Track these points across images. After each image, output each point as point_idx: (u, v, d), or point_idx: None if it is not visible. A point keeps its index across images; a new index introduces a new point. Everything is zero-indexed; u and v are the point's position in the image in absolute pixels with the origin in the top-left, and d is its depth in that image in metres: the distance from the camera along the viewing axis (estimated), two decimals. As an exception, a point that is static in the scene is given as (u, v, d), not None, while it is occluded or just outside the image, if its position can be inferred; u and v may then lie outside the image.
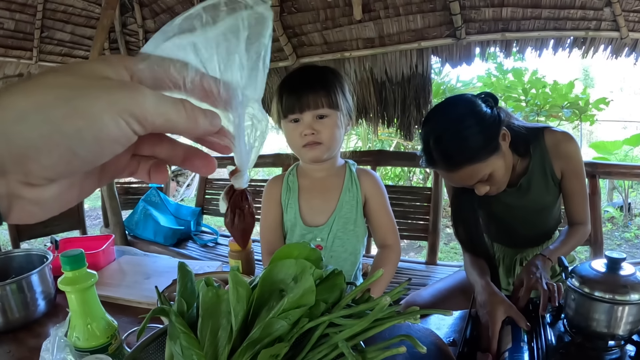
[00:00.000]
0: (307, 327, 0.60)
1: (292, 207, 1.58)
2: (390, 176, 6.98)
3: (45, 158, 0.32)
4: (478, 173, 1.37)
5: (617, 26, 2.89)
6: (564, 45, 3.00)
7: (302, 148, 1.45)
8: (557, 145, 1.51)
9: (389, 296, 0.58)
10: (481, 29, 3.02)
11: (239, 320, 0.63)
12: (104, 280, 1.60)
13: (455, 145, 1.35)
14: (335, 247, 1.55)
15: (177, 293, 0.77)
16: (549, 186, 1.57)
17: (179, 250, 3.06)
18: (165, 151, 0.44)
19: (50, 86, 0.32)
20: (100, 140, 0.33)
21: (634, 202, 7.26)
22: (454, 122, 1.37)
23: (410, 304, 1.63)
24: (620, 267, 1.07)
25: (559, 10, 2.88)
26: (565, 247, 1.49)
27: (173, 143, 0.44)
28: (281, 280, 0.63)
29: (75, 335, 0.96)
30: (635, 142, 7.46)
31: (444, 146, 1.37)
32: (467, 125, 1.35)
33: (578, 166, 1.53)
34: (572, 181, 1.56)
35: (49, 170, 0.33)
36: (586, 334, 1.09)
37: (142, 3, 4.05)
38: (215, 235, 3.40)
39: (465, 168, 1.35)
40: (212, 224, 3.99)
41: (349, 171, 1.58)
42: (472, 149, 1.34)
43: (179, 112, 0.37)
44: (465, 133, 1.34)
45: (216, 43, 0.39)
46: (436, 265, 2.77)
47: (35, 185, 0.34)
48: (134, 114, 0.34)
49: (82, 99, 0.32)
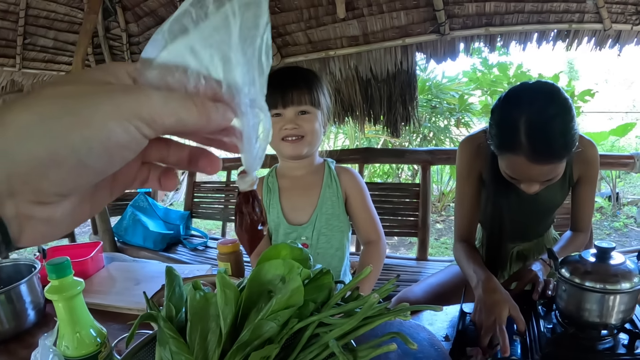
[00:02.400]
0: (296, 327, 0.60)
1: (274, 207, 1.59)
2: (378, 173, 6.99)
3: (54, 173, 0.31)
4: (556, 170, 1.29)
5: (600, 18, 2.92)
6: (547, 39, 3.02)
7: (281, 141, 1.46)
8: (583, 150, 1.42)
9: (378, 293, 0.58)
10: (465, 24, 3.03)
11: (228, 323, 0.62)
12: (93, 287, 1.59)
13: (562, 137, 1.23)
14: (321, 244, 1.56)
15: (165, 298, 0.76)
16: (564, 187, 1.57)
17: (168, 254, 3.05)
18: (173, 155, 0.42)
19: (51, 97, 0.31)
20: (109, 148, 0.32)
21: (622, 191, 7.33)
22: (562, 112, 1.24)
23: (402, 300, 1.63)
24: (610, 256, 1.07)
25: (542, 3, 2.90)
26: (564, 252, 1.49)
27: (179, 146, 0.43)
28: (269, 281, 0.62)
29: (65, 344, 0.95)
30: (621, 133, 7.54)
31: (549, 136, 1.23)
32: (572, 118, 1.24)
33: (595, 173, 1.54)
34: (586, 187, 1.56)
35: (59, 185, 0.32)
36: (578, 324, 1.09)
37: (124, 7, 4.02)
38: (204, 239, 3.38)
39: (553, 164, 1.26)
40: (202, 227, 3.98)
41: (328, 168, 1.60)
42: (571, 145, 1.25)
43: (190, 108, 0.35)
44: (571, 125, 1.24)
45: (211, 41, 0.37)
46: (427, 261, 2.78)
47: (46, 203, 0.33)
48: (142, 116, 0.32)
49: (85, 107, 0.31)
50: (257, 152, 0.43)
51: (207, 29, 0.36)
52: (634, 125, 7.89)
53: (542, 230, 1.78)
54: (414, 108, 3.31)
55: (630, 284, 1.02)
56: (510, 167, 1.33)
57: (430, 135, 6.89)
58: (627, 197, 7.21)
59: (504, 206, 1.58)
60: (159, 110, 0.33)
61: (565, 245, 1.55)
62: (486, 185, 1.60)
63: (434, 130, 6.78)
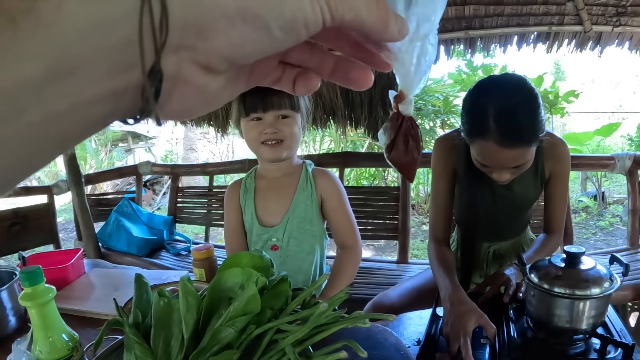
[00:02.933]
0: (255, 333, 0.61)
1: (249, 208, 1.58)
2: (365, 176, 7.01)
3: (236, 32, 0.27)
4: (524, 157, 1.33)
5: (580, 20, 2.96)
6: (527, 41, 3.06)
7: (260, 145, 1.46)
8: (553, 147, 1.52)
9: (329, 302, 0.59)
10: (445, 28, 3.06)
11: (189, 328, 0.64)
12: (73, 293, 1.59)
13: (529, 122, 1.28)
14: (292, 247, 1.55)
15: (133, 304, 0.77)
16: (536, 184, 1.60)
17: (152, 260, 3.03)
18: (315, 60, 0.39)
19: None
20: (295, 19, 0.28)
21: (608, 190, 7.39)
22: (528, 99, 1.30)
23: (377, 304, 1.64)
24: (579, 261, 1.07)
25: (522, 6, 2.93)
26: (538, 255, 1.51)
27: (324, 52, 0.39)
28: (229, 289, 0.64)
29: (38, 349, 0.97)
30: (606, 133, 7.62)
31: (516, 120, 1.28)
32: (538, 105, 1.30)
33: (566, 171, 1.58)
34: (557, 185, 1.60)
35: (235, 48, 0.28)
36: (548, 329, 1.09)
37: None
38: (188, 244, 3.36)
39: (521, 148, 1.30)
40: (187, 232, 3.97)
41: (305, 171, 1.58)
42: (538, 131, 1.30)
43: (372, 9, 0.32)
44: (538, 112, 1.30)
45: None
46: (407, 264, 2.79)
47: (212, 69, 0.29)
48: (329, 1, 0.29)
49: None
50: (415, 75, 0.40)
51: None
52: (619, 125, 7.97)
53: (518, 229, 1.80)
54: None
55: (600, 289, 1.01)
56: (481, 153, 1.37)
57: (416, 138, 6.92)
58: (613, 196, 7.28)
59: (478, 202, 1.61)
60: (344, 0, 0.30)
61: (539, 249, 1.57)
62: (460, 181, 1.63)
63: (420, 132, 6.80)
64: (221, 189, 3.50)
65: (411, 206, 6.86)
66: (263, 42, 0.29)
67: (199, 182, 7.57)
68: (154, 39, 0.24)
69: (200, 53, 0.27)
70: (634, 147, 7.66)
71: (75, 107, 0.24)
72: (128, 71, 0.25)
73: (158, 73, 0.26)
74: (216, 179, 3.82)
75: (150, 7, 0.23)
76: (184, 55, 0.27)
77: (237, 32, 0.27)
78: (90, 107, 0.25)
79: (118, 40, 0.24)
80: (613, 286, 1.03)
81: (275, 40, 0.29)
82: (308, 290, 0.65)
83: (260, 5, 0.27)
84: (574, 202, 7.16)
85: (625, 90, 17.66)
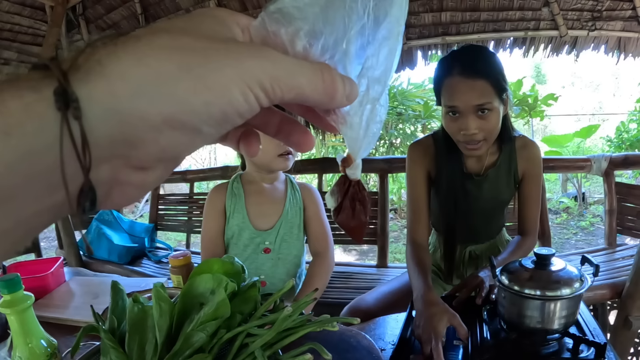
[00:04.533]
0: (225, 337, 0.63)
1: (239, 212, 1.65)
2: (347, 182, 7.02)
3: (165, 139, 0.27)
4: (487, 95, 1.42)
5: (556, 25, 3.00)
6: (504, 46, 3.10)
7: (277, 157, 1.57)
8: (525, 148, 1.63)
9: (294, 306, 0.62)
10: (422, 34, 3.10)
11: (163, 333, 0.65)
12: (53, 302, 1.59)
13: (488, 58, 1.47)
14: (283, 249, 1.66)
15: (109, 311, 0.79)
16: (510, 183, 1.66)
17: (133, 267, 2.99)
18: (260, 118, 0.36)
19: (167, 49, 0.27)
20: (226, 114, 0.28)
21: (588, 191, 7.50)
22: (488, 50, 1.57)
23: (354, 308, 1.67)
24: (549, 263, 1.08)
25: (498, 12, 2.98)
26: (512, 257, 1.56)
27: (270, 109, 0.38)
28: (200, 294, 0.66)
29: (18, 355, 0.98)
30: (586, 134, 7.73)
31: (472, 54, 1.49)
32: (496, 58, 1.49)
33: (538, 172, 1.66)
34: (530, 185, 1.66)
35: (168, 151, 0.28)
36: (521, 330, 1.10)
37: (87, 19, 4.01)
38: (169, 251, 3.34)
39: (482, 80, 1.42)
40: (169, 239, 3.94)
41: (290, 181, 1.74)
42: (494, 68, 1.45)
43: (316, 84, 0.31)
44: (498, 60, 1.48)
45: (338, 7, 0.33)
46: (387, 268, 2.80)
47: (147, 168, 0.29)
48: (263, 85, 0.28)
49: (209, 68, 0.27)
50: (364, 139, 0.39)
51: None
52: (598, 127, 8.09)
53: (493, 232, 1.84)
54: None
55: (570, 290, 1.02)
56: (448, 93, 1.47)
57: (397, 142, 6.97)
58: (594, 196, 7.38)
59: (453, 202, 1.67)
60: (282, 79, 0.29)
61: (513, 250, 1.61)
62: (435, 183, 1.70)
63: (401, 136, 6.86)
64: (202, 195, 3.48)
65: (394, 210, 6.92)
66: (194, 141, 0.29)
67: (182, 189, 7.52)
68: (79, 162, 0.25)
69: (133, 159, 0.28)
70: (613, 148, 7.77)
71: (19, 223, 0.26)
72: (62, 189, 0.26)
73: (89, 191, 0.26)
74: (198, 185, 3.81)
75: (70, 135, 0.24)
76: (117, 162, 0.27)
77: (166, 139, 0.27)
78: (35, 218, 0.26)
79: (47, 167, 0.24)
80: (583, 286, 1.04)
81: (208, 135, 0.29)
82: (275, 295, 0.67)
83: (186, 113, 0.27)
84: (554, 202, 7.25)
85: (605, 92, 17.93)
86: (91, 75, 0.25)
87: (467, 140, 1.46)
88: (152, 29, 0.28)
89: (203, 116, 0.27)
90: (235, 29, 0.32)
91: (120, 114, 0.25)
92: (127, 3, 3.74)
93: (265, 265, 1.66)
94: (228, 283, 0.63)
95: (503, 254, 1.59)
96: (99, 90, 0.25)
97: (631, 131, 7.68)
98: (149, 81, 0.25)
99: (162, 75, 0.26)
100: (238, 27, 0.32)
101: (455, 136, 1.51)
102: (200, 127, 0.28)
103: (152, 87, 0.26)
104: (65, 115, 0.24)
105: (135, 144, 0.27)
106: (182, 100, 0.26)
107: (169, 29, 0.28)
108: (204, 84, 0.27)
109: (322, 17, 0.33)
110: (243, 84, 0.28)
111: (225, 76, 0.27)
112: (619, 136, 7.81)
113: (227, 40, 0.30)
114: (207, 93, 0.27)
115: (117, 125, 0.25)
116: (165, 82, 0.26)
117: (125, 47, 0.26)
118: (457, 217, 1.69)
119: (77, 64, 0.25)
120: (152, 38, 0.27)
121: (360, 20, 0.34)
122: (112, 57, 0.25)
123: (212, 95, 0.27)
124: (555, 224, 6.54)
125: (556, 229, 6.26)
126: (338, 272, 2.63)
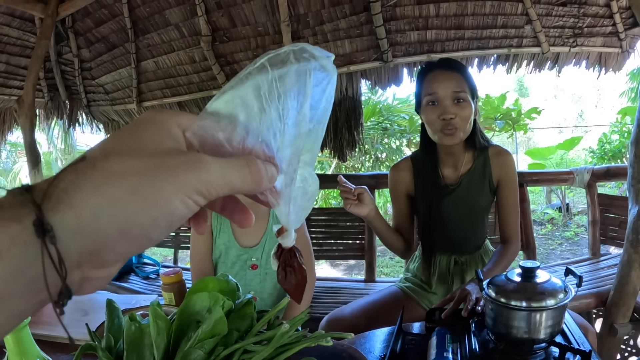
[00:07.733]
0: (222, 354, 0.65)
1: (224, 231, 1.68)
2: (333, 195, 6.99)
3: (122, 247, 0.33)
4: (462, 86, 1.62)
5: (538, 42, 3.08)
6: (488, 63, 3.16)
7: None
8: (498, 155, 1.75)
9: (290, 323, 0.64)
10: (407, 52, 3.14)
11: (160, 352, 0.67)
12: (43, 319, 1.58)
13: (458, 62, 1.78)
14: (269, 265, 1.66)
15: (105, 329, 0.80)
16: (485, 189, 1.73)
17: (121, 284, 2.96)
18: None
19: (118, 176, 0.32)
20: (170, 222, 0.34)
21: (572, 202, 7.60)
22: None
23: (331, 320, 1.69)
24: (534, 275, 1.11)
25: (482, 30, 3.05)
26: (497, 267, 1.61)
27: None
28: (197, 312, 0.68)
29: (14, 374, 0.98)
30: (568, 146, 7.85)
31: (450, 59, 1.80)
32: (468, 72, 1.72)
33: (512, 176, 1.74)
34: (506, 191, 1.74)
35: (124, 253, 0.34)
36: (508, 340, 1.12)
37: (77, 32, 4.01)
38: (157, 267, 3.30)
39: (458, 74, 1.64)
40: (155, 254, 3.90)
41: None
42: (467, 72, 1.70)
43: (244, 177, 0.36)
44: (466, 67, 1.79)
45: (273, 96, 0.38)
46: (375, 282, 2.81)
47: (109, 266, 0.34)
48: (200, 190, 0.34)
49: (152, 188, 0.32)
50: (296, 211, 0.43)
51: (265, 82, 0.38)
52: (581, 139, 8.22)
53: (478, 240, 1.87)
54: (359, 133, 3.39)
55: (555, 300, 1.05)
56: (429, 83, 1.66)
57: (382, 157, 7.03)
58: (577, 207, 7.49)
59: (434, 208, 1.76)
60: (215, 182, 0.35)
61: (498, 260, 1.65)
62: (416, 198, 1.84)
63: (386, 151, 6.92)
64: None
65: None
66: (145, 244, 0.34)
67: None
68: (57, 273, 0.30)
69: (97, 263, 0.33)
70: (596, 159, 7.89)
71: (11, 316, 0.31)
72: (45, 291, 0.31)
73: (67, 291, 0.31)
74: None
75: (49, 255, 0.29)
76: (85, 266, 0.32)
77: (122, 247, 0.33)
78: (23, 313, 0.32)
79: (32, 278, 0.30)
80: (567, 297, 1.07)
81: (157, 239, 0.35)
82: (272, 312, 0.69)
83: (137, 227, 0.32)
84: (539, 214, 7.34)
85: (587, 104, 18.21)
86: (60, 205, 0.30)
87: (445, 125, 1.60)
88: (105, 150, 0.34)
89: (151, 227, 0.33)
90: (175, 131, 0.37)
91: (85, 233, 0.31)
92: (117, 17, 3.75)
93: (254, 281, 1.68)
94: (225, 301, 0.65)
95: (488, 265, 1.63)
96: (68, 217, 0.30)
97: (613, 142, 7.81)
98: (105, 206, 0.31)
99: (115, 200, 0.31)
100: (179, 128, 0.37)
101: (434, 125, 1.64)
102: (150, 235, 0.34)
103: (108, 210, 0.31)
104: (44, 241, 0.29)
105: (98, 252, 0.32)
106: (133, 218, 0.32)
107: (119, 150, 0.34)
108: (149, 202, 0.32)
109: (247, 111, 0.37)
110: (182, 195, 0.33)
111: (167, 192, 0.33)
112: (601, 147, 7.94)
113: (167, 152, 0.35)
114: (153, 209, 0.32)
115: (83, 242, 0.31)
116: (118, 206, 0.31)
117: (85, 176, 0.31)
118: (435, 227, 1.77)
119: (49, 193, 0.30)
120: (105, 164, 0.32)
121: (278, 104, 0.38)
122: (75, 186, 0.31)
123: (157, 210, 0.33)
124: (540, 235, 6.62)
125: (541, 240, 6.33)
126: (326, 287, 2.64)
